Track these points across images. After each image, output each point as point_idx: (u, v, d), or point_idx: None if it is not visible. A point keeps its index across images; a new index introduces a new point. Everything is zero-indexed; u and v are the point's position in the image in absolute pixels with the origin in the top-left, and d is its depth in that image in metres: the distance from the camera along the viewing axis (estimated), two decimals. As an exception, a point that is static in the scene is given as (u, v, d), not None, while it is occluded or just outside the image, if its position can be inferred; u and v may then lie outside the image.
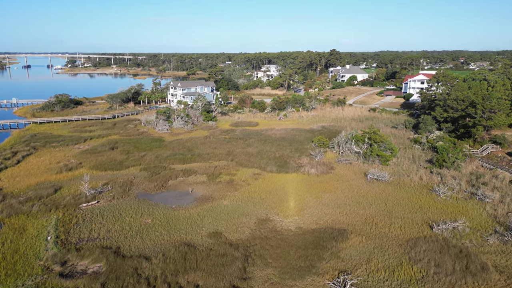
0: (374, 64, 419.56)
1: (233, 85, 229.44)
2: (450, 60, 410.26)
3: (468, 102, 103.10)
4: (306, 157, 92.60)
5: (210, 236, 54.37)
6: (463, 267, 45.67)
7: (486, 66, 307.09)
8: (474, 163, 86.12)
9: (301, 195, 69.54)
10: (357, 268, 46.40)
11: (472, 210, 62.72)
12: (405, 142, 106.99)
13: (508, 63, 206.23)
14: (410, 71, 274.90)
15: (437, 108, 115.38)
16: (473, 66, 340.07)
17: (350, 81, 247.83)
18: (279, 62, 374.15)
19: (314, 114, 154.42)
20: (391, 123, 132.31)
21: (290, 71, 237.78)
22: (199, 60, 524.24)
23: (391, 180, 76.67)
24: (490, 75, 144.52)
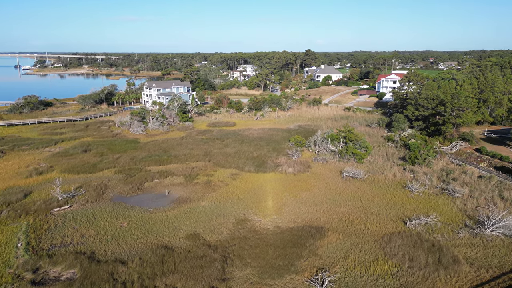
0: (348, 64, 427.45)
1: (209, 85, 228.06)
2: (420, 60, 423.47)
3: (438, 100, 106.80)
4: (284, 157, 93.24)
5: (188, 238, 53.81)
6: (435, 260, 47.25)
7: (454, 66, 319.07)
8: (444, 159, 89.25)
9: (279, 194, 69.96)
10: (335, 265, 47.15)
11: (443, 205, 64.99)
12: (379, 140, 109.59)
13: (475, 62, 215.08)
14: (383, 70, 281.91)
15: (409, 107, 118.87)
16: (442, 66, 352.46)
17: (325, 81, 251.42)
18: (255, 62, 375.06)
19: (291, 113, 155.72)
20: (365, 121, 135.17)
21: (266, 71, 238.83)
22: (174, 60, 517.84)
23: (366, 177, 78.34)
24: (458, 74, 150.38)
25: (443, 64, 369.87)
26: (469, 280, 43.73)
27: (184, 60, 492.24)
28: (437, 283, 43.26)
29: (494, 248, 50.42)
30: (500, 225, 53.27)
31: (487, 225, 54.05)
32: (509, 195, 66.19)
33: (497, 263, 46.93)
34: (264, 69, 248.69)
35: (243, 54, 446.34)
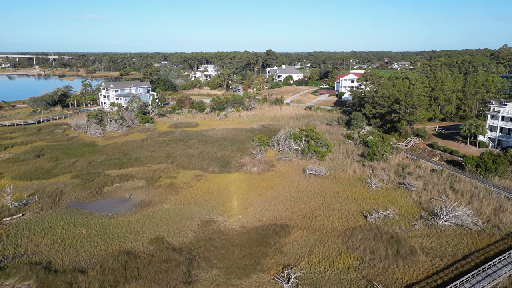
0: (308, 64, 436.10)
1: (170, 85, 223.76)
2: (376, 60, 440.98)
3: (393, 99, 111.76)
4: (248, 156, 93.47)
5: (151, 242, 52.48)
6: (394, 252, 49.41)
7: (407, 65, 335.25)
8: (400, 155, 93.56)
9: (244, 194, 70.04)
10: (300, 261, 47.96)
11: (400, 198, 68.10)
12: (339, 138, 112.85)
13: (426, 62, 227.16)
14: (341, 70, 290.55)
15: (367, 105, 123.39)
16: (396, 66, 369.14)
17: (286, 81, 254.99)
18: (217, 62, 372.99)
19: (254, 113, 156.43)
20: (325, 120, 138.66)
21: (228, 71, 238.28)
22: (133, 60, 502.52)
23: (328, 174, 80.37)
24: (411, 74, 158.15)
25: (397, 64, 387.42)
26: (426, 269, 46.14)
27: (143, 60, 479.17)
28: (396, 273, 45.26)
29: (448, 237, 53.56)
30: (452, 216, 56.66)
31: (441, 216, 57.31)
32: (459, 187, 70.58)
33: (450, 252, 49.88)
34: (226, 69, 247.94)
35: (204, 54, 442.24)
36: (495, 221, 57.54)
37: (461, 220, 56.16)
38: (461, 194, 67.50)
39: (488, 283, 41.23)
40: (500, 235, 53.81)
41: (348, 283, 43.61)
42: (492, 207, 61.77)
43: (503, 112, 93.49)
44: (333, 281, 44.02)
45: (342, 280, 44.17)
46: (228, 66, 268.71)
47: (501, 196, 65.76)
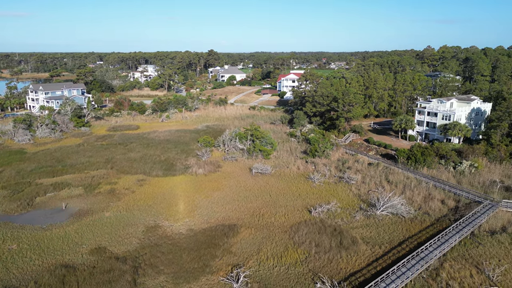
0: (251, 64, 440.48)
1: (107, 86, 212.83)
2: (315, 61, 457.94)
3: (332, 97, 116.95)
4: (193, 158, 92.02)
5: (92, 253, 49.52)
6: (338, 243, 51.75)
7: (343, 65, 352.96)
8: (340, 150, 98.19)
9: (190, 197, 68.86)
10: (249, 260, 48.30)
11: (341, 192, 71.50)
12: (283, 136, 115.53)
13: (360, 62, 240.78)
14: (283, 70, 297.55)
15: (307, 104, 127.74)
16: (333, 66, 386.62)
17: (229, 81, 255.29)
18: (157, 62, 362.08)
19: (198, 114, 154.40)
20: (269, 119, 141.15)
21: (170, 71, 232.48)
22: (64, 60, 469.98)
23: (273, 172, 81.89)
24: (347, 73, 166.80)
25: (334, 64, 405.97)
26: (366, 257, 48.93)
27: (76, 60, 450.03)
28: (340, 264, 47.44)
29: (385, 226, 57.29)
30: (388, 205, 60.73)
31: (378, 206, 61.14)
32: (393, 178, 75.83)
33: (387, 239, 53.41)
34: (167, 69, 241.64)
35: (143, 53, 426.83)
36: (425, 208, 62.70)
37: (396, 209, 60.40)
38: (395, 185, 72.57)
39: (421, 266, 44.80)
40: (430, 221, 58.76)
41: (295, 277, 44.80)
42: (422, 196, 67.23)
43: (429, 107, 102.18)
44: (281, 277, 44.95)
45: (290, 275, 45.27)
46: (169, 66, 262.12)
47: (429, 185, 71.81)
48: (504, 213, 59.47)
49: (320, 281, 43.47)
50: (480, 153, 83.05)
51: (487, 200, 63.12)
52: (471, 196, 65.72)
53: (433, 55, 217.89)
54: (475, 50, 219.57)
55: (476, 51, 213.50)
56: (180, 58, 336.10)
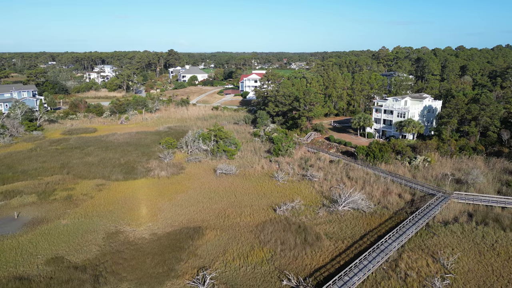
0: (212, 64, 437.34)
1: (61, 88, 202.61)
2: (276, 61, 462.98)
3: (293, 97, 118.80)
4: (155, 160, 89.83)
5: (48, 263, 46.93)
6: (302, 240, 52.64)
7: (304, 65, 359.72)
8: (302, 149, 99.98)
9: (153, 200, 67.18)
10: (215, 261, 47.92)
11: (305, 189, 72.82)
12: (247, 136, 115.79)
13: (320, 63, 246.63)
14: (245, 70, 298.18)
15: (270, 104, 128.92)
16: (294, 66, 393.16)
17: (191, 81, 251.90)
18: (115, 62, 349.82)
19: (159, 115, 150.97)
20: (233, 119, 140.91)
21: (128, 72, 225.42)
22: (13, 60, 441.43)
23: (238, 172, 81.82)
24: (307, 73, 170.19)
25: (295, 64, 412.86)
26: (330, 252, 50.17)
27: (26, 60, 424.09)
28: (305, 260, 48.30)
29: (347, 221, 59.04)
30: (349, 201, 62.64)
31: (340, 202, 62.90)
32: (354, 175, 78.35)
33: (349, 234, 55.08)
34: (125, 69, 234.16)
35: (100, 53, 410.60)
36: (384, 203, 65.35)
37: (357, 205, 62.46)
38: (356, 181, 75.02)
39: (382, 258, 46.63)
40: (389, 214, 61.33)
41: (262, 276, 45.03)
42: (381, 190, 70.02)
43: (385, 106, 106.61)
44: (248, 276, 45.00)
45: (257, 274, 45.44)
46: (127, 67, 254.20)
47: (387, 180, 74.94)
48: (455, 204, 63.28)
49: (286, 278, 44.00)
50: (432, 148, 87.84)
51: (440, 192, 66.88)
52: (425, 189, 69.34)
53: (388, 55, 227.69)
54: (426, 51, 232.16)
55: (427, 52, 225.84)
56: (139, 58, 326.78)
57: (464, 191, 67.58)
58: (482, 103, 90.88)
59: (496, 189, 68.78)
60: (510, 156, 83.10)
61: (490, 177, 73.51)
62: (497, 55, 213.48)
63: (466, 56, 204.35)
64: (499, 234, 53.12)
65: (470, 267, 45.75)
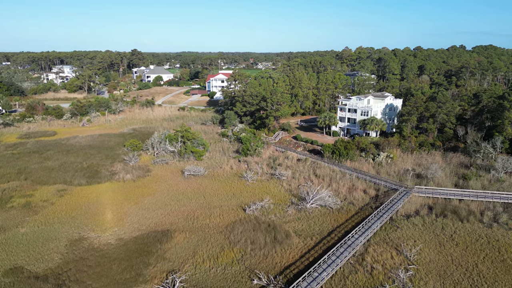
0: (178, 64, 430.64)
1: (16, 89, 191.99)
2: (242, 61, 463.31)
3: (260, 97, 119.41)
4: (120, 163, 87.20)
5: (6, 274, 44.34)
6: (272, 239, 53.04)
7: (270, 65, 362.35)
8: (270, 148, 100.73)
9: (119, 204, 65.20)
10: (184, 264, 47.25)
11: (274, 188, 73.41)
12: (215, 136, 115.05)
13: (285, 63, 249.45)
14: (211, 70, 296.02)
15: (238, 104, 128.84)
16: (261, 66, 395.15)
17: (156, 82, 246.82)
18: (75, 62, 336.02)
19: (123, 117, 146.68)
20: (200, 120, 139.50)
21: (89, 72, 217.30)
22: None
23: (206, 173, 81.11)
24: (274, 73, 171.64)
25: (261, 64, 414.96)
26: (299, 249, 50.90)
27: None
28: (275, 258, 48.70)
29: (315, 218, 60.13)
30: (317, 198, 63.84)
31: (308, 199, 63.96)
32: (320, 172, 79.92)
33: (318, 231, 56.14)
34: (86, 70, 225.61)
35: (58, 53, 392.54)
36: (350, 199, 67.18)
37: (324, 201, 63.79)
38: (323, 178, 76.58)
39: (349, 253, 47.90)
40: (355, 210, 63.11)
41: (232, 276, 44.92)
42: (347, 187, 71.93)
43: (349, 105, 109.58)
44: (218, 278, 44.73)
45: (227, 275, 45.28)
46: (88, 67, 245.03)
47: (353, 176, 77.08)
48: (416, 198, 66.16)
49: (256, 277, 44.16)
50: (394, 144, 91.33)
51: (402, 187, 69.67)
52: (388, 184, 71.98)
53: (351, 56, 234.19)
54: (386, 51, 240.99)
55: (387, 52, 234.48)
56: (100, 58, 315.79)
57: (424, 185, 70.80)
58: (439, 101, 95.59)
59: (453, 182, 72.60)
60: (465, 151, 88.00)
61: (447, 171, 77.47)
62: (452, 55, 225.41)
63: (423, 56, 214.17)
64: (457, 225, 56.14)
65: (431, 257, 48.00)
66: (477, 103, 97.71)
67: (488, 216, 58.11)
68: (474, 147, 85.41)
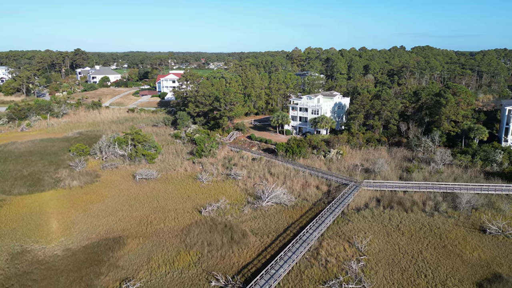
0: (125, 64, 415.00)
1: None
2: (193, 61, 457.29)
3: (213, 97, 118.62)
4: (65, 169, 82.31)
5: None
6: (229, 239, 52.96)
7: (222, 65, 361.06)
8: (225, 149, 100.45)
9: (65, 213, 61.52)
10: (139, 271, 45.73)
11: (229, 188, 73.31)
12: (167, 138, 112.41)
13: (237, 63, 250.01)
14: (161, 71, 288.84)
15: (190, 104, 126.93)
16: (212, 66, 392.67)
17: (102, 83, 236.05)
18: (10, 63, 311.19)
19: (67, 120, 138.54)
20: (151, 122, 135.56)
21: (27, 73, 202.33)
22: None
23: (159, 176, 79.03)
24: (226, 73, 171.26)
25: (213, 64, 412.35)
26: (256, 248, 51.31)
27: None
28: (233, 258, 48.70)
29: (271, 216, 60.93)
30: (272, 196, 64.73)
31: (263, 198, 64.65)
32: (275, 171, 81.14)
33: (274, 228, 56.95)
34: (24, 70, 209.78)
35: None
36: (304, 195, 68.92)
37: (279, 199, 64.88)
38: (277, 177, 77.82)
39: (304, 248, 49.14)
40: (308, 206, 64.86)
41: (189, 280, 44.25)
42: (301, 184, 73.72)
43: (300, 104, 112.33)
44: (175, 282, 43.82)
45: (184, 279, 44.51)
46: (26, 67, 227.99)
47: (306, 173, 79.15)
48: (365, 191, 69.45)
49: (214, 279, 43.86)
50: (343, 141, 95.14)
51: (352, 182, 72.77)
52: (339, 179, 74.84)
53: (300, 56, 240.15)
54: (334, 52, 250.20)
55: (335, 52, 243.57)
56: (40, 58, 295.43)
57: (372, 179, 74.53)
58: (383, 98, 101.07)
59: (398, 175, 77.15)
60: (408, 145, 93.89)
61: (392, 165, 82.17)
62: (393, 55, 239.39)
63: (368, 56, 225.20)
64: (403, 215, 59.77)
65: (380, 247, 50.66)
66: (417, 100, 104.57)
67: (430, 206, 62.50)
68: (416, 141, 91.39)
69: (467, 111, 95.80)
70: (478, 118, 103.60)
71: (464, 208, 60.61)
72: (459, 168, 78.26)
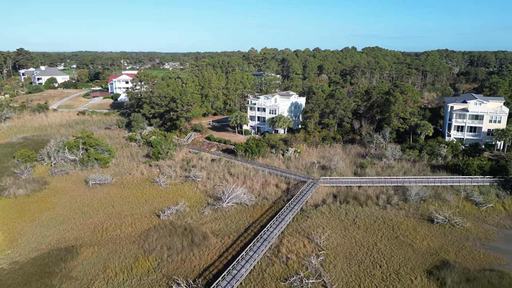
0: (74, 65, 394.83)
1: None
2: (147, 61, 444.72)
3: (169, 98, 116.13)
4: (9, 177, 76.73)
5: None
6: (189, 242, 52.15)
7: (177, 66, 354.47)
8: (183, 150, 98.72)
9: (10, 224, 57.36)
10: (94, 281, 43.75)
11: (189, 190, 72.17)
12: (122, 141, 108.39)
13: (193, 63, 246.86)
14: (113, 71, 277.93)
15: (145, 106, 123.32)
16: (168, 66, 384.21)
17: (49, 84, 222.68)
18: None
19: (10, 124, 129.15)
20: (104, 124, 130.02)
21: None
22: None
23: (114, 181, 76.04)
24: (182, 73, 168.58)
25: (168, 65, 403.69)
26: (217, 249, 50.98)
27: None
28: (194, 261, 48.01)
29: (232, 217, 60.80)
30: (232, 197, 64.61)
31: (224, 199, 64.37)
32: (235, 171, 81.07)
33: (235, 228, 56.89)
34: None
35: None
36: (264, 194, 69.51)
37: (240, 199, 64.93)
38: (237, 177, 77.80)
39: (265, 246, 49.56)
40: (269, 205, 65.52)
41: (149, 286, 43.03)
42: (260, 183, 74.26)
43: (258, 104, 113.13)
44: (134, 290, 42.37)
45: (143, 285, 43.20)
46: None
47: (265, 172, 79.86)
48: (323, 188, 71.44)
49: (175, 283, 42.97)
50: (300, 140, 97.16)
51: (309, 179, 74.53)
52: (297, 177, 76.36)
53: (257, 56, 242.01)
54: (289, 52, 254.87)
55: (290, 53, 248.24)
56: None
57: (329, 175, 76.83)
58: (337, 98, 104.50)
59: (353, 171, 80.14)
60: (361, 142, 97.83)
61: (347, 162, 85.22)
62: (346, 55, 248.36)
63: (321, 57, 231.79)
64: (358, 209, 62.20)
65: (338, 242, 52.35)
66: (368, 99, 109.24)
67: (383, 199, 65.60)
68: (368, 138, 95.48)
69: (414, 108, 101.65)
70: (424, 115, 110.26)
71: (413, 200, 64.27)
72: (408, 163, 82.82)
